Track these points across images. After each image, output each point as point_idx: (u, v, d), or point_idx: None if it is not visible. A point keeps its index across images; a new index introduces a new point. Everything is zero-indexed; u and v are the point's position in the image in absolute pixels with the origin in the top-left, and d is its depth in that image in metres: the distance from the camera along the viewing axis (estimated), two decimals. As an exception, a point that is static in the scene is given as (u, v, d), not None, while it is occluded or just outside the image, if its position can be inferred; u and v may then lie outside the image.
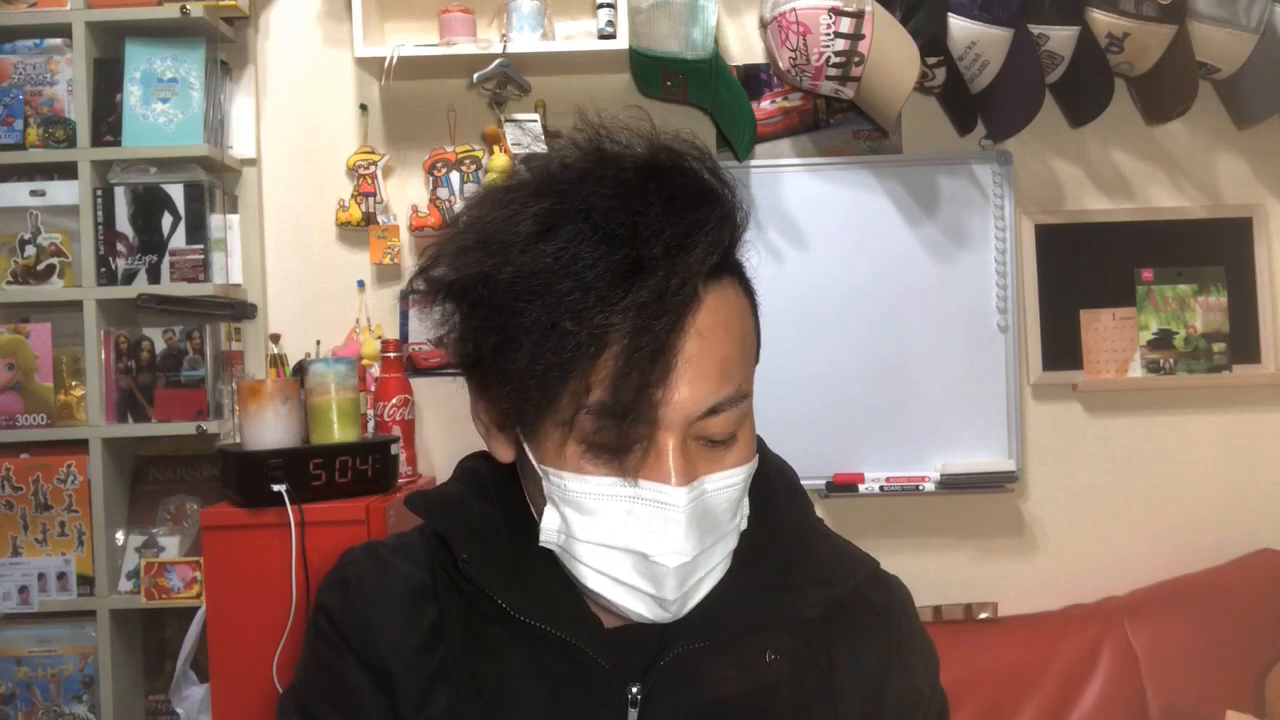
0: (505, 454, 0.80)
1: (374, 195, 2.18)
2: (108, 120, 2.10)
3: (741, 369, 0.74)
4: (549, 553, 0.78)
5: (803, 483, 0.89)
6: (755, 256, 0.80)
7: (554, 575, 0.79)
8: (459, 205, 2.13)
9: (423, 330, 2.23)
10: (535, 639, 0.77)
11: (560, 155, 0.74)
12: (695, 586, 0.75)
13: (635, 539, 0.72)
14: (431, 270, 0.75)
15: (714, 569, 0.76)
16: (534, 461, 0.75)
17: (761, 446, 0.88)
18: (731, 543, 0.77)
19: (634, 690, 0.77)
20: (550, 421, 0.71)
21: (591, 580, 0.75)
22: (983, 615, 2.16)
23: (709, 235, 0.69)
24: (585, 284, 0.67)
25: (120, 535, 2.10)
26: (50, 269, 2.10)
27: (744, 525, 0.79)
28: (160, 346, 2.08)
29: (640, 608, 0.74)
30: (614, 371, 0.68)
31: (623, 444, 0.70)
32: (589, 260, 0.67)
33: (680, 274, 0.67)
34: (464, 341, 0.74)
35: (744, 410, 0.75)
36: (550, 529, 0.76)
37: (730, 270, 0.76)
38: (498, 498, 0.83)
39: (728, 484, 0.75)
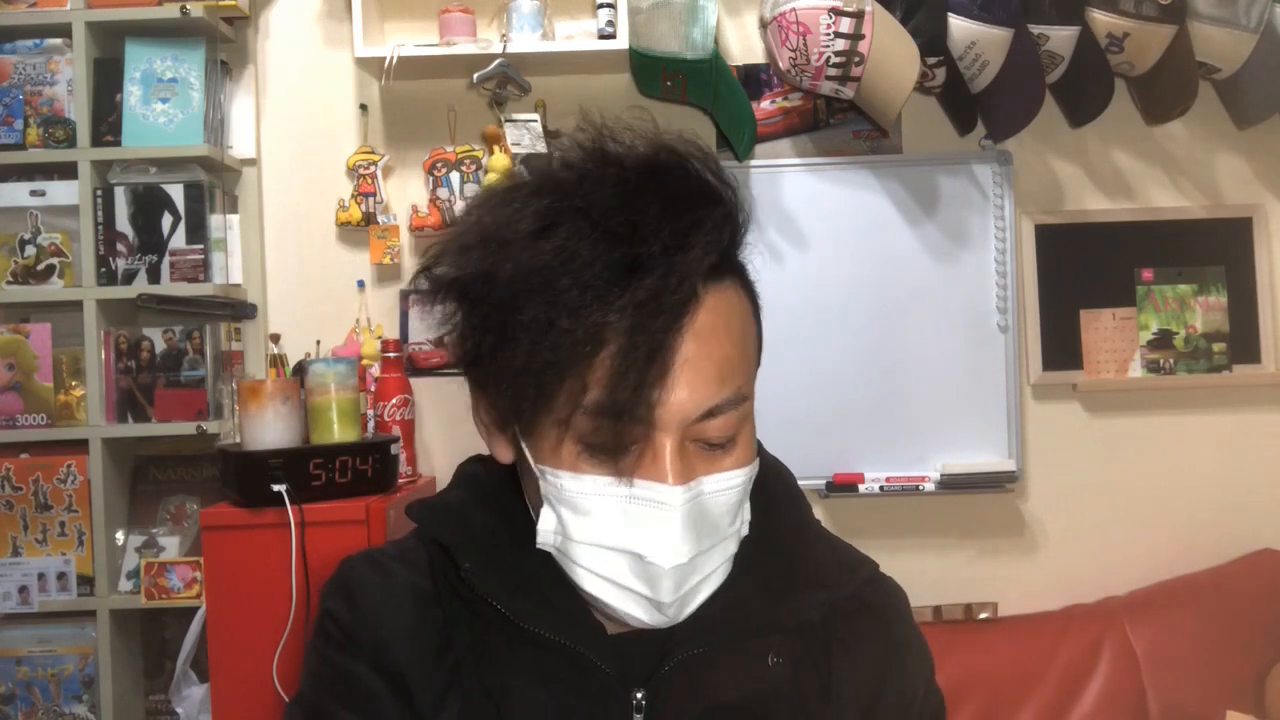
0: (505, 455, 0.80)
1: (374, 195, 2.18)
2: (108, 120, 2.10)
3: (741, 372, 0.74)
4: (551, 559, 0.78)
5: (803, 483, 0.89)
6: (755, 256, 0.80)
7: (557, 582, 0.78)
8: (459, 205, 2.14)
9: (423, 330, 2.23)
10: (539, 646, 0.77)
11: (562, 154, 0.74)
12: (693, 591, 0.74)
13: (631, 539, 0.72)
14: (433, 269, 0.75)
15: (712, 574, 0.75)
16: (531, 461, 0.75)
17: (759, 449, 0.88)
18: (731, 547, 0.76)
19: (638, 696, 0.77)
20: (547, 421, 0.71)
21: (588, 583, 0.74)
22: (983, 615, 2.15)
23: (708, 235, 0.68)
24: (583, 282, 0.67)
25: (120, 535, 2.10)
26: (50, 269, 2.10)
27: (745, 531, 0.78)
28: (160, 346, 2.08)
29: (637, 611, 0.74)
30: (611, 371, 0.67)
31: (619, 444, 0.70)
32: (587, 258, 0.67)
33: (678, 273, 0.67)
34: (464, 340, 0.74)
35: (743, 413, 0.74)
36: (547, 530, 0.75)
37: (732, 272, 0.75)
38: (499, 503, 0.83)
39: (726, 486, 0.74)
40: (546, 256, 0.68)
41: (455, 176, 2.16)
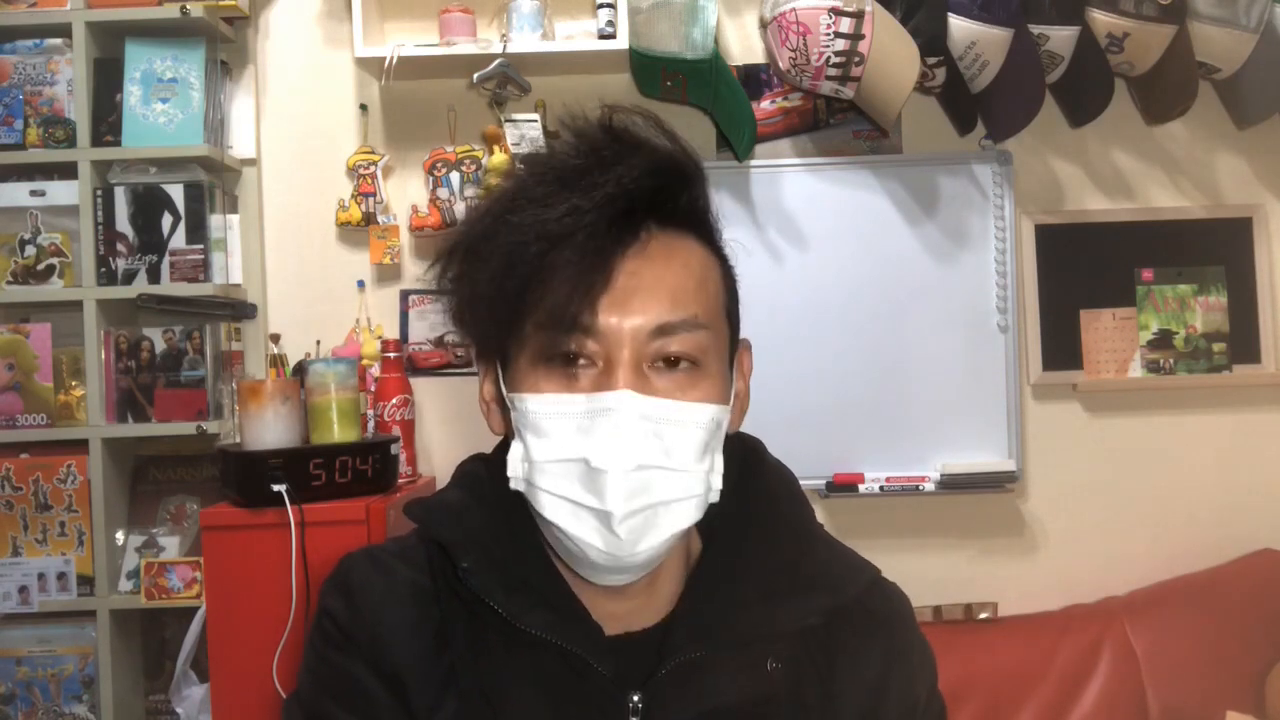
0: (498, 424, 0.83)
1: (374, 195, 2.18)
2: (108, 120, 2.10)
3: (699, 303, 0.76)
4: (550, 560, 0.79)
5: (803, 483, 0.89)
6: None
7: (555, 583, 0.79)
8: (459, 205, 2.14)
9: (423, 330, 2.23)
10: (536, 646, 0.77)
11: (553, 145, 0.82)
12: (647, 515, 0.73)
13: (581, 447, 0.73)
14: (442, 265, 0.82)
15: (670, 506, 0.75)
16: (505, 394, 0.78)
17: (761, 450, 0.88)
18: (695, 486, 0.76)
19: (635, 699, 0.77)
20: (515, 346, 0.76)
21: (549, 509, 0.75)
22: (983, 615, 2.15)
23: (648, 161, 0.75)
24: (534, 198, 0.74)
25: (120, 535, 2.10)
26: (50, 269, 2.10)
27: (717, 484, 0.78)
28: (160, 346, 2.08)
29: (594, 539, 0.73)
30: (562, 282, 0.72)
31: (570, 355, 0.74)
32: (539, 179, 0.76)
33: (615, 182, 0.72)
34: (453, 291, 0.79)
35: (703, 341, 0.76)
36: (515, 460, 0.77)
37: (694, 232, 0.79)
38: (498, 502, 0.82)
39: (687, 413, 0.75)
40: (511, 191, 0.77)
41: (455, 176, 2.15)
